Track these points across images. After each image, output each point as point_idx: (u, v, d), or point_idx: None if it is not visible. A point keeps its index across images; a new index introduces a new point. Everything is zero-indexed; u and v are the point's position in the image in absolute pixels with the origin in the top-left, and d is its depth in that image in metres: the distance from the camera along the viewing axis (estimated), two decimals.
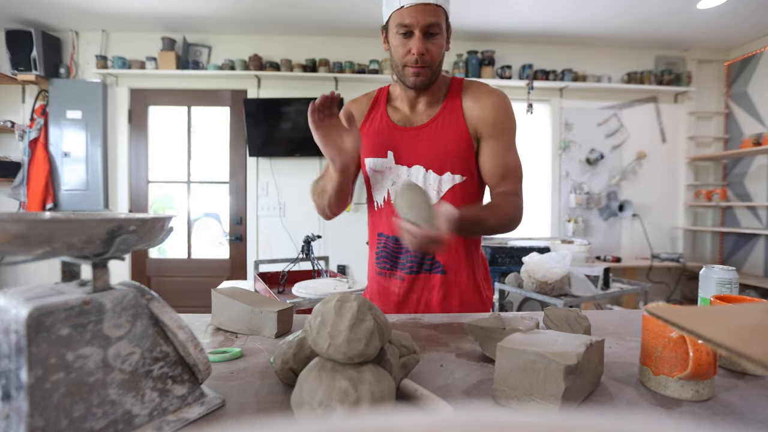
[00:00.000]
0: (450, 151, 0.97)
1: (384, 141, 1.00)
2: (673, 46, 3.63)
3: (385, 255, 1.03)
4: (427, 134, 0.98)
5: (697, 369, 0.48)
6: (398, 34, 0.90)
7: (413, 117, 1.01)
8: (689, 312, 0.32)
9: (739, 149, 3.35)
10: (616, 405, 0.50)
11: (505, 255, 2.64)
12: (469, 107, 0.97)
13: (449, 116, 0.98)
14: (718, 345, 0.25)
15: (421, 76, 0.93)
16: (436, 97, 1.01)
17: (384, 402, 0.40)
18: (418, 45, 0.89)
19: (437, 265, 1.01)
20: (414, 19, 0.87)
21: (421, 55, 0.90)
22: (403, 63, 0.93)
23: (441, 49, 0.93)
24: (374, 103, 1.06)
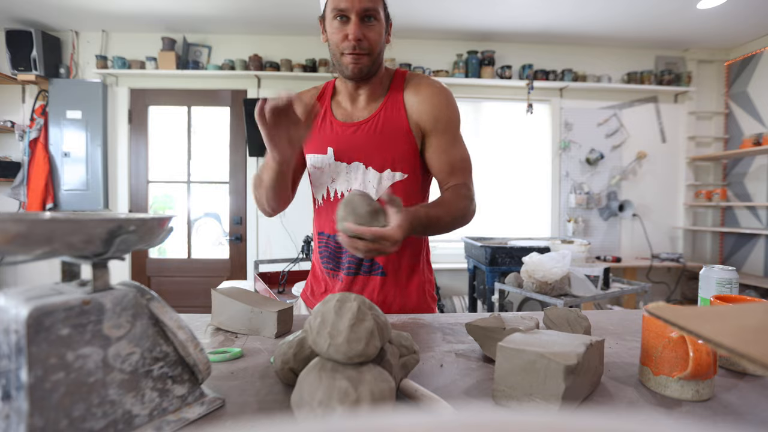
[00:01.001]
0: (390, 148, 0.94)
1: (325, 137, 0.98)
2: (673, 46, 3.63)
3: (327, 254, 1.01)
4: (367, 130, 0.95)
5: (697, 369, 0.48)
6: (334, 19, 0.88)
7: (354, 112, 0.98)
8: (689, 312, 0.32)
9: (739, 149, 3.35)
10: (616, 405, 0.50)
11: (505, 255, 2.64)
12: (411, 102, 0.95)
13: (390, 111, 0.95)
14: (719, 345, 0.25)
15: (360, 63, 0.89)
16: (377, 90, 0.97)
17: (384, 402, 0.40)
18: (355, 29, 0.86)
19: (376, 266, 0.98)
20: (350, 3, 0.85)
21: (359, 41, 0.87)
22: (340, 50, 0.90)
23: (380, 37, 0.90)
24: (320, 97, 1.03)
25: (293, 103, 0.79)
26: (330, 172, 0.98)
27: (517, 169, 3.66)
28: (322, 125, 0.99)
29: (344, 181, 0.97)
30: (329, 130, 0.98)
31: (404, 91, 0.96)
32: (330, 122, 0.99)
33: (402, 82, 0.97)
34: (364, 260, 0.97)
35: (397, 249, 0.72)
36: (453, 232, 0.93)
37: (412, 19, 3.17)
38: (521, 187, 3.67)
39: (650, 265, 3.42)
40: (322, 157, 0.98)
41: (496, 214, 3.63)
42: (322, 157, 0.98)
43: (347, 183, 0.97)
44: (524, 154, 3.68)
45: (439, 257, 3.49)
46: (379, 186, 0.95)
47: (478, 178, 3.65)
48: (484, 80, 3.43)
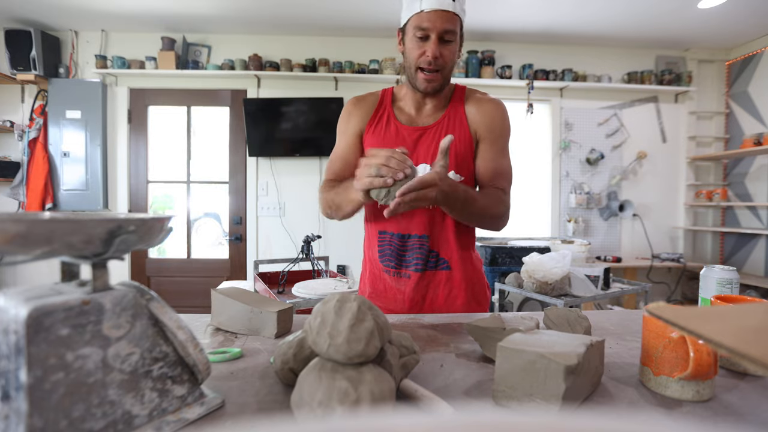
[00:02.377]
0: (454, 151, 1.00)
1: (391, 139, 1.03)
2: (674, 46, 3.63)
3: (390, 252, 1.04)
4: (433, 134, 1.01)
5: (697, 369, 0.48)
6: (415, 36, 0.94)
7: (419, 118, 1.05)
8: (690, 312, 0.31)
9: (739, 149, 3.34)
10: (616, 405, 0.50)
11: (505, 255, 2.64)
12: (472, 112, 1.03)
13: (453, 119, 1.02)
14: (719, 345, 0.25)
15: (434, 82, 0.97)
16: (441, 101, 1.05)
17: (384, 402, 0.40)
18: (433, 48, 0.92)
19: (442, 261, 1.03)
20: (432, 24, 0.91)
21: (435, 59, 0.93)
22: (416, 65, 0.96)
23: (454, 56, 0.97)
24: (380, 102, 1.08)
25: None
26: None
27: (517, 169, 3.64)
28: (387, 128, 1.05)
29: None
30: (395, 133, 1.04)
31: (465, 103, 1.04)
32: (395, 126, 1.04)
33: (462, 95, 1.06)
34: (429, 255, 1.02)
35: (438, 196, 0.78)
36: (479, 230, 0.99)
37: None
38: (521, 187, 3.67)
39: (650, 265, 3.42)
40: None
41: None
42: None
43: None
44: (524, 154, 3.68)
45: None
46: None
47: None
48: (484, 80, 3.43)
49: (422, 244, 1.02)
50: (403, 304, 1.04)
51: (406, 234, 1.02)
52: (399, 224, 1.03)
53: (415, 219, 1.02)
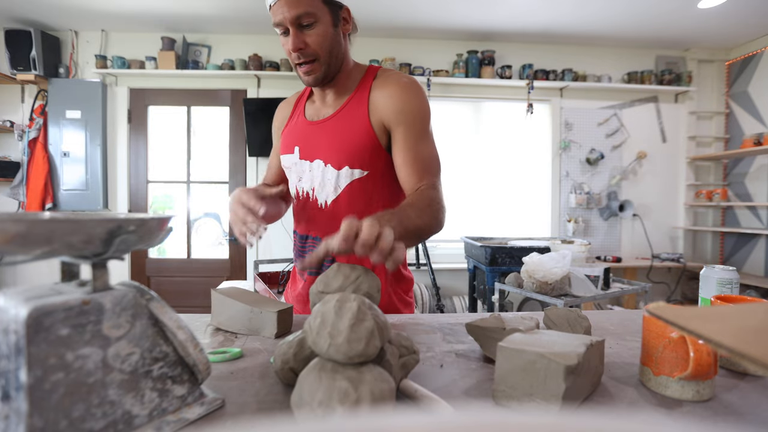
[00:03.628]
0: (349, 145, 0.90)
1: (294, 137, 0.98)
2: (674, 46, 3.63)
3: (296, 253, 1.03)
4: (328, 127, 0.94)
5: (697, 369, 0.48)
6: (279, 34, 0.86)
7: (322, 109, 0.97)
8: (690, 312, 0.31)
9: (739, 149, 3.34)
10: (616, 405, 0.50)
11: (505, 255, 2.64)
12: (376, 97, 0.91)
13: (354, 108, 0.92)
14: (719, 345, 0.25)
15: (313, 72, 0.88)
16: (344, 86, 0.95)
17: (384, 402, 0.40)
18: (292, 41, 0.84)
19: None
20: (282, 15, 0.82)
21: (300, 50, 0.85)
22: (292, 62, 0.88)
23: (323, 38, 0.85)
24: (299, 99, 1.04)
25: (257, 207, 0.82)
26: (297, 170, 0.98)
27: (517, 169, 3.66)
28: (296, 125, 1.00)
29: (308, 179, 0.96)
30: (298, 129, 0.99)
31: (371, 88, 0.92)
32: (300, 122, 1.00)
33: (371, 79, 0.94)
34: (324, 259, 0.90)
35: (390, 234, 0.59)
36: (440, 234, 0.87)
37: (412, 19, 3.17)
38: (521, 187, 3.67)
39: (650, 265, 3.42)
40: (290, 157, 0.99)
41: (496, 214, 3.63)
42: (290, 156, 0.99)
43: (310, 181, 0.95)
44: (524, 154, 3.67)
45: (439, 257, 3.50)
46: (337, 183, 0.92)
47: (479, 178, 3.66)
48: (484, 80, 3.42)
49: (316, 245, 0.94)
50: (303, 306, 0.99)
51: (305, 235, 0.98)
52: (301, 225, 1.00)
53: (312, 219, 0.96)
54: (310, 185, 0.96)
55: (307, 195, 0.97)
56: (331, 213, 0.93)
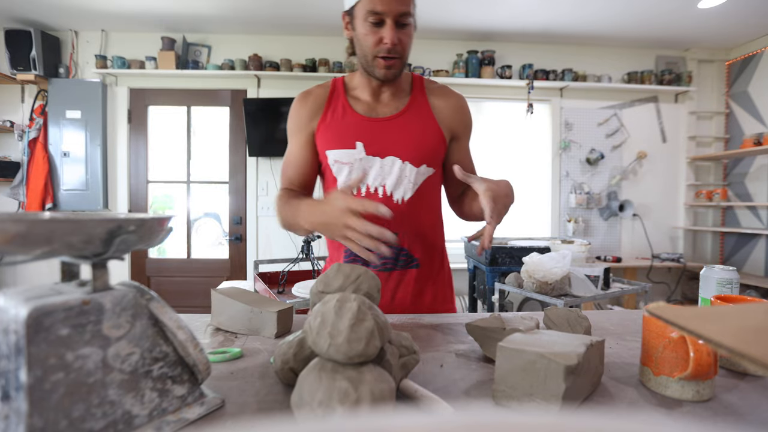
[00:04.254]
0: (425, 144, 0.96)
1: (350, 132, 0.96)
2: (674, 46, 3.63)
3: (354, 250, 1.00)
4: (399, 125, 0.96)
5: (697, 369, 0.48)
6: (367, 21, 0.86)
7: (378, 108, 0.98)
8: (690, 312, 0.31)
9: (739, 149, 3.34)
10: (616, 405, 0.50)
11: (505, 255, 2.64)
12: (440, 106, 0.99)
13: (419, 110, 0.98)
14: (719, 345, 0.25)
15: (393, 68, 0.91)
16: (401, 89, 0.99)
17: (384, 402, 0.40)
18: (391, 35, 0.85)
19: (413, 259, 0.98)
20: (387, 7, 0.84)
21: (394, 45, 0.87)
22: (373, 53, 0.89)
23: (411, 40, 0.90)
24: (332, 93, 1.00)
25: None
26: (361, 166, 0.96)
27: (517, 169, 3.66)
28: (343, 120, 0.97)
29: (379, 175, 0.96)
30: (353, 124, 0.96)
31: (428, 95, 1.00)
32: (354, 118, 0.97)
33: (423, 86, 1.01)
34: (400, 255, 0.97)
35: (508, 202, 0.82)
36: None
37: None
38: (521, 187, 3.67)
39: (650, 265, 3.42)
40: (350, 152, 0.96)
41: None
42: (351, 151, 0.96)
43: (382, 177, 0.96)
44: (524, 154, 3.67)
45: None
46: (416, 180, 0.97)
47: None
48: (484, 80, 3.42)
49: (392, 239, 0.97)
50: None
51: None
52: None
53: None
54: (381, 181, 0.96)
55: (376, 191, 0.96)
56: (408, 209, 0.97)
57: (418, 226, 0.98)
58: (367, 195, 0.97)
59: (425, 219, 1.00)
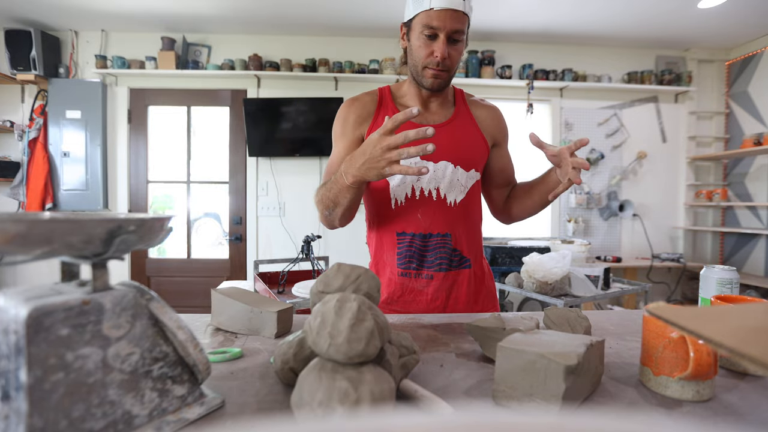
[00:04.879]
0: (473, 150, 1.03)
1: None
2: (674, 46, 3.63)
3: (411, 254, 1.01)
4: (449, 132, 1.01)
5: (697, 369, 0.48)
6: (423, 34, 0.92)
7: (428, 116, 1.04)
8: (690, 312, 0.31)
9: (739, 149, 3.34)
10: (616, 405, 0.50)
11: (505, 255, 2.64)
12: (483, 116, 1.06)
13: (464, 119, 1.04)
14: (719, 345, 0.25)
15: (440, 78, 0.96)
16: (447, 99, 1.06)
17: (384, 402, 0.40)
18: (442, 49, 0.91)
19: (465, 259, 1.03)
20: (442, 23, 0.89)
21: (444, 60, 0.92)
22: (423, 64, 0.95)
23: (460, 56, 0.96)
24: (380, 101, 1.05)
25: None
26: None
27: (517, 169, 3.65)
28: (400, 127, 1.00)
29: (432, 179, 1.01)
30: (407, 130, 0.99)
31: (469, 106, 1.07)
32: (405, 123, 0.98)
33: (464, 98, 1.09)
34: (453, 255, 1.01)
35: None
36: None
37: None
38: None
39: (650, 265, 3.42)
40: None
41: None
42: None
43: (435, 181, 1.01)
44: (524, 154, 3.67)
45: None
46: (466, 184, 1.02)
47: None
48: (484, 80, 3.43)
49: (445, 242, 1.00)
50: (426, 306, 1.01)
51: (428, 233, 1.00)
52: (419, 224, 1.00)
53: (437, 217, 1.00)
54: (435, 185, 1.01)
55: (431, 193, 1.01)
56: (460, 210, 1.02)
57: (469, 228, 1.04)
58: (422, 198, 1.01)
59: (474, 221, 1.06)
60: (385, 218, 1.04)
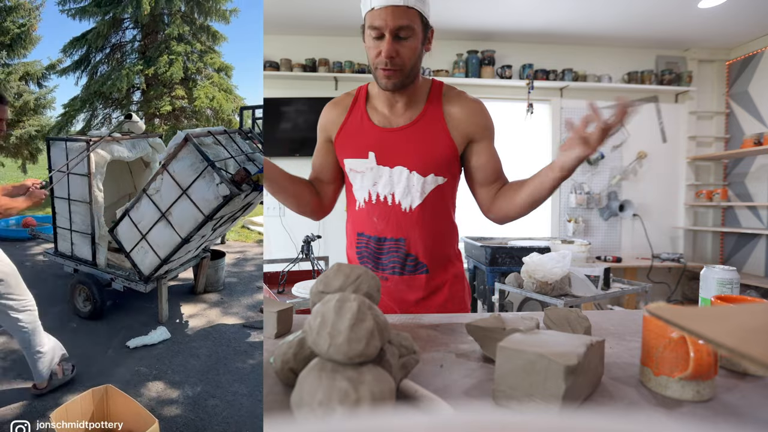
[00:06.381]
0: (432, 153, 0.98)
1: (364, 141, 1.00)
2: (674, 46, 3.63)
3: (367, 255, 1.04)
4: (408, 136, 0.99)
5: (697, 369, 0.48)
6: (370, 35, 0.91)
7: (393, 118, 1.01)
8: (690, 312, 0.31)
9: (739, 149, 3.35)
10: (616, 405, 0.50)
11: (505, 255, 2.64)
12: (455, 113, 0.99)
13: (431, 120, 0.99)
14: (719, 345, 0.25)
15: (392, 78, 0.92)
16: (415, 98, 1.01)
17: (384, 402, 0.40)
18: (387, 48, 0.88)
19: (421, 265, 1.02)
20: (383, 21, 0.87)
21: (390, 58, 0.89)
22: (375, 64, 0.93)
23: (413, 52, 0.92)
24: (354, 102, 1.05)
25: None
26: (372, 175, 1.00)
27: (517, 169, 3.64)
28: (360, 129, 1.01)
29: (387, 184, 1.00)
30: (369, 134, 1.00)
31: (443, 103, 1.00)
32: (369, 128, 1.01)
33: (440, 94, 1.02)
34: (407, 260, 1.01)
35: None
36: None
37: None
38: None
39: (651, 265, 3.41)
40: (362, 162, 1.01)
41: None
42: (363, 161, 1.00)
43: (390, 186, 1.00)
44: (524, 154, 3.67)
45: None
46: (423, 190, 0.99)
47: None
48: (484, 80, 3.43)
49: (399, 247, 1.00)
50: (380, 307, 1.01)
51: (382, 237, 1.01)
52: (375, 227, 1.01)
53: (391, 222, 1.00)
54: (390, 190, 1.00)
55: (386, 199, 1.00)
56: (416, 216, 1.00)
57: (427, 233, 1.01)
58: (378, 202, 1.00)
59: (434, 226, 1.03)
60: (350, 218, 1.08)
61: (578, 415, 0.11)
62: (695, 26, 3.21)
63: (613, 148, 3.65)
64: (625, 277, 3.45)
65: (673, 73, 3.59)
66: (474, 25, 3.27)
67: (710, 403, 0.50)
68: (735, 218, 3.62)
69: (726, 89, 3.68)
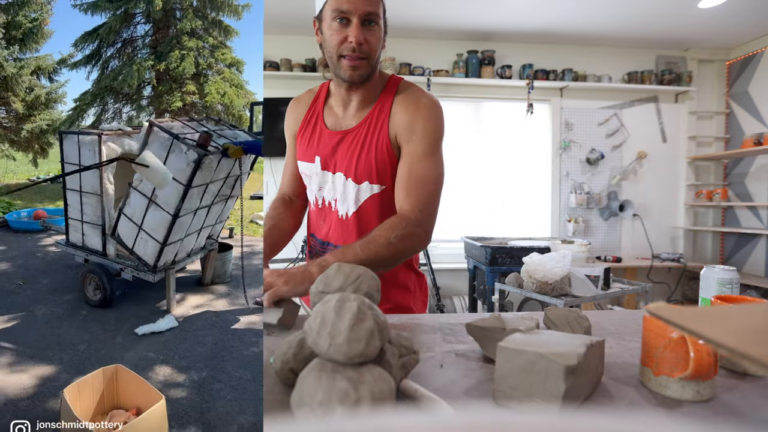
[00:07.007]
0: (370, 160, 0.91)
1: (315, 146, 0.97)
2: (674, 46, 3.63)
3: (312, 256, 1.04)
4: (350, 141, 0.94)
5: (698, 369, 0.48)
6: (334, 20, 0.85)
7: (344, 120, 0.96)
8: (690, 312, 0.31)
9: (740, 149, 3.34)
10: (616, 406, 0.50)
11: (505, 255, 2.64)
12: (397, 112, 0.92)
13: (375, 121, 0.93)
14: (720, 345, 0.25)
15: (359, 69, 0.87)
16: (369, 96, 0.94)
17: (384, 402, 0.40)
18: (356, 33, 0.83)
19: None
20: (353, 5, 0.82)
21: (360, 45, 0.84)
22: (339, 53, 0.86)
23: (379, 41, 0.88)
24: (314, 101, 1.01)
25: None
26: (318, 180, 0.99)
27: (517, 169, 3.65)
28: (313, 132, 0.98)
29: (330, 190, 0.97)
30: (318, 138, 0.97)
31: (393, 101, 0.93)
32: (320, 130, 0.98)
33: (394, 91, 0.94)
34: None
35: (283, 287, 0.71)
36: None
37: (412, 19, 3.17)
38: (521, 187, 3.67)
39: (651, 265, 3.41)
40: (310, 166, 0.98)
41: (497, 214, 3.62)
42: (311, 165, 0.98)
43: (332, 192, 0.97)
44: (524, 154, 3.67)
45: (439, 257, 3.49)
46: (357, 198, 0.94)
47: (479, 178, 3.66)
48: (484, 80, 3.42)
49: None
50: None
51: (326, 242, 1.00)
52: (321, 231, 1.01)
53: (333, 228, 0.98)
54: (332, 196, 0.98)
55: (329, 205, 0.99)
56: (351, 224, 0.96)
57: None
58: (323, 207, 1.00)
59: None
60: (308, 218, 1.08)
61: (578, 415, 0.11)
62: (695, 26, 3.21)
63: (613, 148, 3.66)
64: (625, 277, 3.45)
65: (673, 73, 3.59)
66: (474, 25, 3.27)
67: (710, 403, 0.50)
68: (735, 218, 3.62)
69: (726, 89, 3.68)
